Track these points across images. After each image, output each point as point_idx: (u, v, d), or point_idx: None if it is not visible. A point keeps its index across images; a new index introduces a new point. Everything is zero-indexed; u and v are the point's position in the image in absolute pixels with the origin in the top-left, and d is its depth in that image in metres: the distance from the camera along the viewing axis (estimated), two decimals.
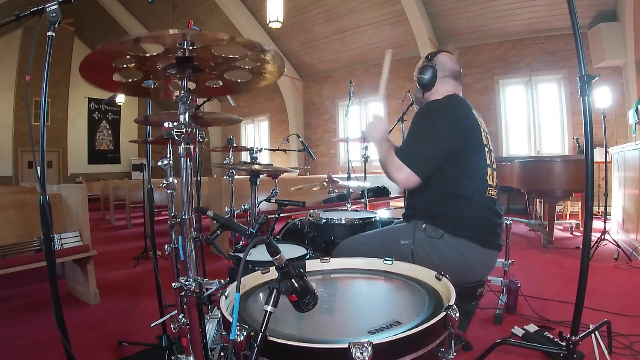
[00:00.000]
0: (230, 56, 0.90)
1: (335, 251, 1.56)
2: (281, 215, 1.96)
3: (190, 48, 0.83)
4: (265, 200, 1.95)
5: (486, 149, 1.44)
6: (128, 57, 0.85)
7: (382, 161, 1.44)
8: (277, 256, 0.72)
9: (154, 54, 0.86)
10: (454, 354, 0.73)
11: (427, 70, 1.51)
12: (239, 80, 1.06)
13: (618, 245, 3.19)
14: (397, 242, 1.41)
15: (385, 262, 1.11)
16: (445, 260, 1.33)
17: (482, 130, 1.44)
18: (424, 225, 1.39)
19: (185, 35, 0.79)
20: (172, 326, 0.94)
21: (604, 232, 3.36)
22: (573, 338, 1.34)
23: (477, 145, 1.40)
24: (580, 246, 1.47)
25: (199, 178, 1.82)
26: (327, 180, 2.39)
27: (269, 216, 1.31)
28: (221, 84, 1.08)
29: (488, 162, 1.43)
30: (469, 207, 1.37)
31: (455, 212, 1.37)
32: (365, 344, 0.58)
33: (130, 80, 0.97)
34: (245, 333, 0.65)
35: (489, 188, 1.41)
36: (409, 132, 1.46)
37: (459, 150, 1.35)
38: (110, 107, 13.07)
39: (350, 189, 2.64)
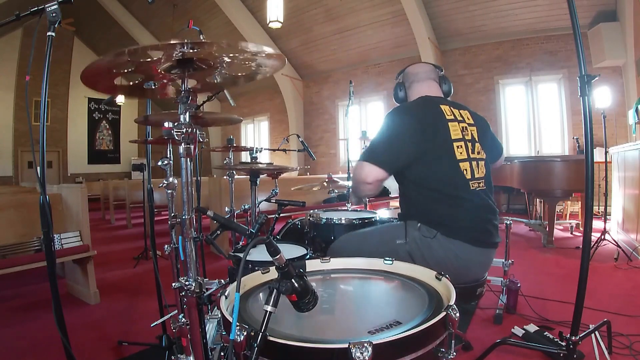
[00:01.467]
0: (230, 56, 0.90)
1: (330, 249, 1.55)
2: (281, 215, 1.95)
3: (192, 51, 0.83)
4: (265, 200, 1.94)
5: (459, 142, 1.39)
6: (129, 61, 0.85)
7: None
8: (277, 256, 0.72)
9: (154, 58, 0.86)
10: (454, 354, 0.73)
11: (396, 89, 1.65)
12: (238, 74, 1.06)
13: (618, 245, 3.19)
14: (393, 241, 1.40)
15: (385, 262, 1.11)
16: (440, 261, 1.32)
17: (449, 124, 1.40)
18: (418, 225, 1.38)
19: (190, 43, 0.79)
20: (172, 326, 0.94)
21: (604, 232, 3.35)
22: (573, 338, 1.34)
23: (442, 142, 1.37)
24: (580, 246, 1.47)
25: (199, 178, 1.82)
26: (327, 180, 2.39)
27: (269, 216, 1.31)
28: (221, 80, 1.08)
29: (463, 156, 1.39)
30: (457, 206, 1.36)
31: (445, 212, 1.36)
32: (365, 344, 0.58)
33: (131, 82, 0.97)
34: (245, 333, 0.65)
35: (470, 182, 1.38)
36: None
37: (425, 150, 1.35)
38: (110, 107, 13.07)
39: (351, 189, 2.64)
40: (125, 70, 0.89)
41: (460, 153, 1.39)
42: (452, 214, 1.35)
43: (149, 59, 0.86)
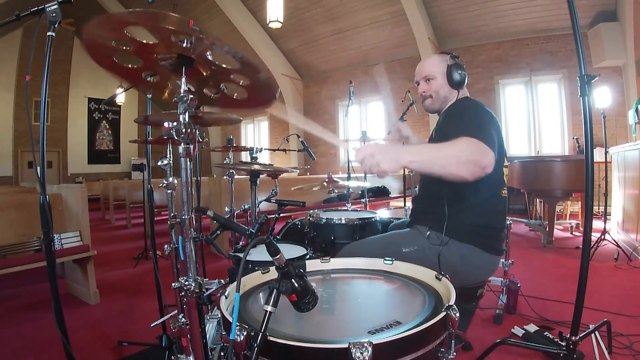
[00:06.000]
0: (224, 66, 0.90)
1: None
2: (281, 215, 1.95)
3: (189, 46, 0.83)
4: (265, 200, 1.94)
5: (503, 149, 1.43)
6: (128, 39, 0.83)
7: (437, 160, 1.06)
8: (277, 256, 0.72)
9: (150, 42, 0.85)
10: (454, 354, 0.73)
11: (460, 69, 1.45)
12: (234, 96, 1.07)
13: (618, 245, 3.19)
14: (399, 250, 1.37)
15: (385, 262, 1.11)
16: (448, 264, 1.30)
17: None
18: (427, 233, 1.36)
19: (186, 28, 0.79)
20: (172, 326, 0.94)
21: (604, 232, 3.36)
22: (573, 338, 1.34)
23: (502, 146, 1.39)
24: (580, 246, 1.47)
25: (199, 178, 1.82)
26: (327, 180, 2.39)
27: (269, 216, 1.31)
28: (218, 95, 1.08)
29: (505, 162, 1.44)
30: (482, 212, 1.35)
31: (467, 219, 1.34)
32: (365, 344, 0.58)
33: (129, 65, 0.96)
34: (245, 333, 0.65)
35: (503, 187, 1.41)
36: (460, 119, 1.31)
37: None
38: (110, 107, 13.06)
39: (350, 189, 2.64)
40: (124, 47, 0.87)
41: (505, 159, 1.43)
42: (475, 222, 1.34)
43: (144, 40, 0.85)
